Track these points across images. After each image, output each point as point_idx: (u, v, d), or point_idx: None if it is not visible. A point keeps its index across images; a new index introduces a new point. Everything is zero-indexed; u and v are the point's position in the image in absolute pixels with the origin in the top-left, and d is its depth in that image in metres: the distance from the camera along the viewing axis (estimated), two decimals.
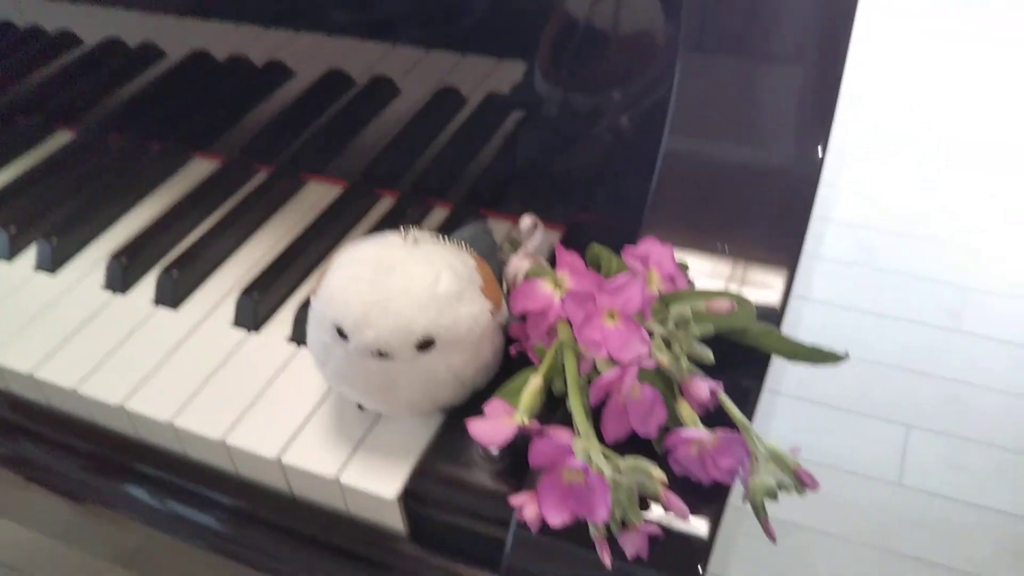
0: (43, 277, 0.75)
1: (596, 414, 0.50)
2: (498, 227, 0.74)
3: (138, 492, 0.65)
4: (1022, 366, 1.66)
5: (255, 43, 0.85)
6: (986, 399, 1.60)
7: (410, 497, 0.56)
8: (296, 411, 0.61)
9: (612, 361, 0.48)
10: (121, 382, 0.64)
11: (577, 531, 0.48)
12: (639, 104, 0.70)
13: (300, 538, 0.61)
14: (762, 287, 0.56)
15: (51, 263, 0.74)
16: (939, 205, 2.04)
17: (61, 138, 0.93)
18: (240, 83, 0.87)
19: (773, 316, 0.55)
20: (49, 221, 0.78)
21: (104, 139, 0.90)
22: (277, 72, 0.85)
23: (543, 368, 0.51)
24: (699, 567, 0.47)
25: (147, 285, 0.72)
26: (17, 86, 0.96)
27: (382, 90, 0.82)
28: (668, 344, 0.49)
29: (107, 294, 0.72)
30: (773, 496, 0.46)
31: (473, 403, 0.57)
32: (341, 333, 0.53)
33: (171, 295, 0.70)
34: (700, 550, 0.47)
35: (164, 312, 0.70)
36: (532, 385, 0.50)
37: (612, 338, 0.48)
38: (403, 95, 0.82)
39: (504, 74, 0.77)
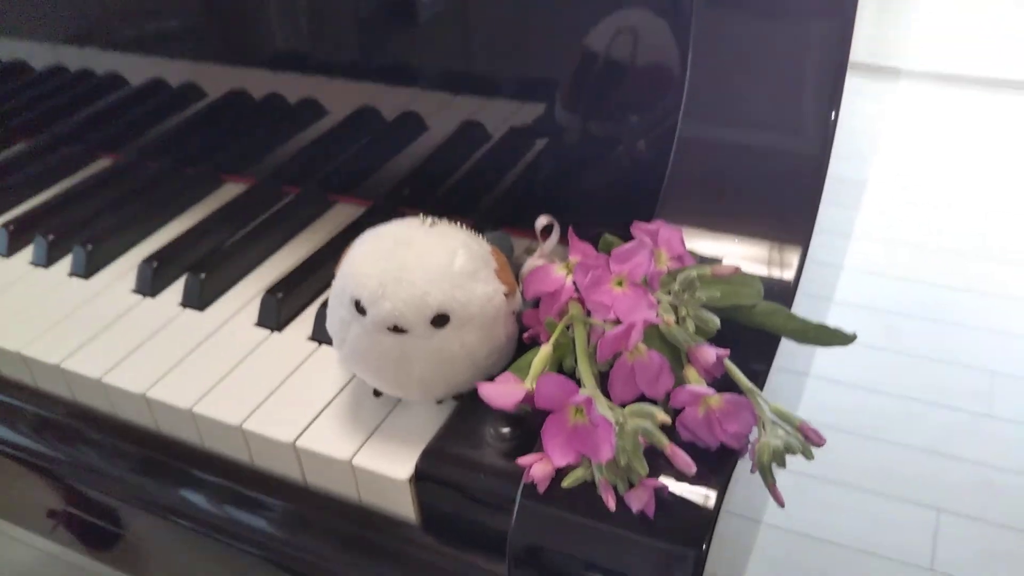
0: (77, 282, 0.77)
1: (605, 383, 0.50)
2: (517, 243, 0.75)
3: (155, 486, 0.66)
4: None
5: (290, 85, 0.89)
6: (1018, 483, 1.56)
7: (421, 479, 0.57)
8: (313, 401, 0.62)
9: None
10: (144, 374, 0.66)
11: (583, 500, 0.49)
12: (654, 129, 0.73)
13: (312, 528, 0.62)
14: (774, 266, 0.57)
15: (85, 269, 0.77)
16: (965, 287, 2.03)
17: (102, 164, 0.97)
18: (274, 118, 0.91)
19: (786, 296, 0.56)
20: (85, 232, 0.81)
21: (142, 164, 0.94)
22: (310, 109, 0.89)
23: (553, 337, 0.52)
24: (703, 536, 0.46)
25: (175, 290, 0.75)
26: (66, 120, 1.01)
27: (410, 123, 0.85)
28: (675, 311, 0.49)
29: (137, 297, 0.75)
30: (780, 458, 0.46)
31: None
32: (359, 307, 0.55)
33: (198, 297, 0.72)
34: (705, 518, 0.47)
35: (190, 313, 0.72)
36: (542, 352, 0.51)
37: (620, 302, 0.49)
38: (430, 130, 0.86)
39: (526, 111, 0.80)
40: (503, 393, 0.49)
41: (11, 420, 0.71)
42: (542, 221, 0.64)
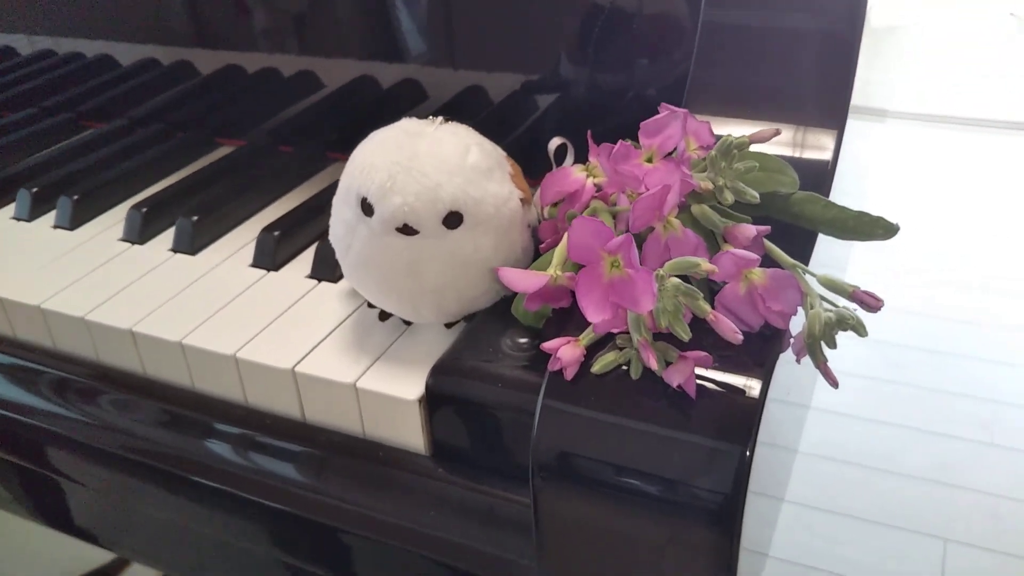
0: (62, 233, 0.73)
1: None
2: None
3: (148, 430, 0.61)
4: None
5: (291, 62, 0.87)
6: (1023, 510, 1.54)
7: (433, 397, 0.52)
8: (314, 331, 0.58)
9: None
10: (129, 312, 0.62)
11: (612, 395, 0.44)
12: (665, 76, 0.70)
13: (313, 467, 0.57)
14: (811, 150, 0.54)
15: (70, 220, 0.73)
16: (964, 319, 2.02)
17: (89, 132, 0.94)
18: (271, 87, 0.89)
19: (822, 181, 0.53)
20: (72, 187, 0.77)
21: (132, 129, 0.90)
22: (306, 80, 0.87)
23: None
24: (750, 426, 0.42)
25: (166, 238, 0.71)
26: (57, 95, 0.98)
27: (410, 89, 0.83)
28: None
29: (124, 245, 0.71)
30: (832, 331, 0.42)
31: (497, 314, 0.54)
32: (365, 206, 0.51)
33: (189, 241, 0.68)
34: (750, 406, 0.43)
35: (181, 257, 0.68)
36: (566, 238, 0.47)
37: (651, 175, 0.45)
38: (431, 98, 0.83)
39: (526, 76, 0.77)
40: (525, 278, 0.45)
41: None
42: (555, 142, 0.61)
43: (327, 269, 0.64)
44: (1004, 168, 2.75)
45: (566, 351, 0.43)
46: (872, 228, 0.49)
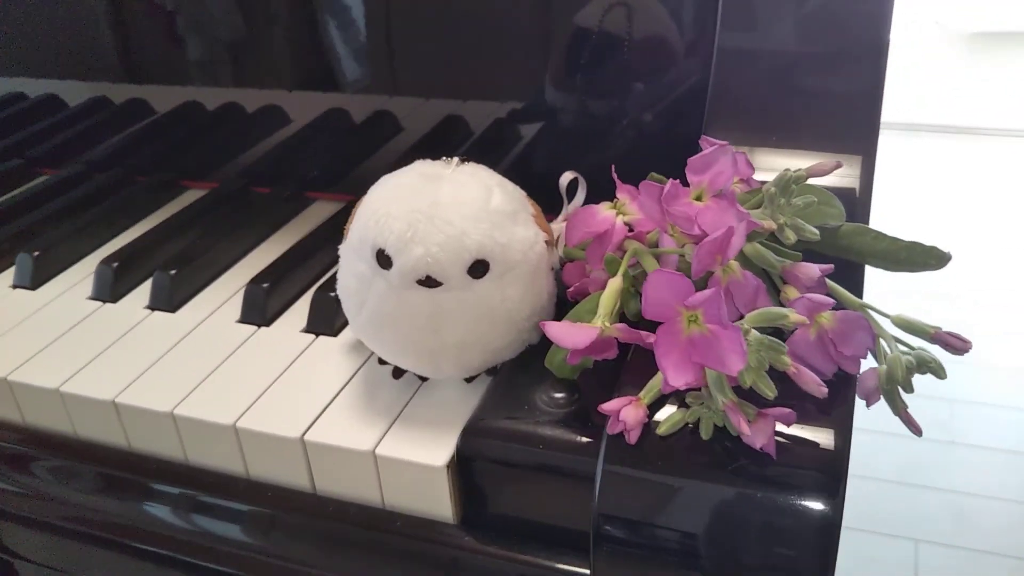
0: (22, 294, 0.67)
1: None
2: None
3: (134, 507, 0.55)
4: (1017, 473, 1.64)
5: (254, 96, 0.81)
6: (989, 507, 1.56)
7: (465, 462, 0.48)
8: (319, 393, 0.53)
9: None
10: (109, 380, 0.56)
11: (681, 460, 0.41)
12: (658, 101, 0.67)
13: (328, 543, 0.52)
14: (844, 177, 0.51)
15: (31, 279, 0.67)
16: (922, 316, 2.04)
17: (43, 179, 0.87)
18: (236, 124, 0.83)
19: (860, 210, 0.50)
20: (30, 242, 0.71)
21: (90, 175, 0.84)
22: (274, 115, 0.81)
23: (621, 268, 0.45)
24: (837, 482, 0.39)
25: (141, 294, 0.65)
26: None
27: (384, 122, 0.78)
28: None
29: (95, 304, 0.65)
30: (910, 374, 0.39)
31: (524, 366, 0.50)
32: (382, 258, 0.46)
33: (168, 297, 0.62)
34: (836, 460, 0.39)
35: (160, 316, 0.62)
36: (612, 286, 0.44)
37: (704, 215, 0.42)
38: (407, 130, 0.78)
39: (504, 105, 0.73)
40: (573, 332, 0.41)
41: None
42: (567, 177, 0.57)
43: (324, 321, 0.59)
44: (933, 170, 2.80)
45: (629, 412, 0.39)
46: (925, 258, 0.46)
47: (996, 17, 2.72)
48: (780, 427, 0.39)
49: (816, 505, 0.38)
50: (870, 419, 1.69)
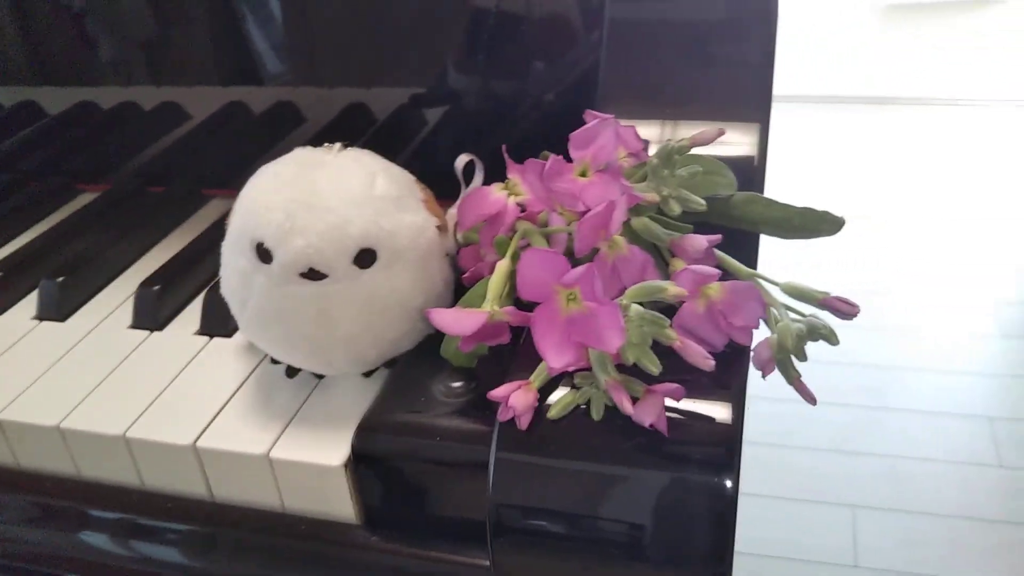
0: None
1: None
2: None
3: (19, 530, 0.53)
4: (947, 435, 1.67)
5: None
6: (922, 469, 1.59)
7: (361, 460, 0.46)
8: (212, 397, 0.51)
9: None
10: None
11: (572, 438, 0.40)
12: (560, 79, 0.66)
13: (227, 551, 0.50)
14: (737, 146, 0.50)
15: None
16: (849, 289, 2.06)
17: None
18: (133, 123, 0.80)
19: (754, 179, 0.49)
20: None
21: None
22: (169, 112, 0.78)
23: (509, 251, 0.43)
24: (732, 456, 0.38)
25: (27, 304, 0.62)
26: None
27: (286, 113, 0.76)
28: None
29: None
30: (801, 342, 0.39)
31: (422, 356, 0.48)
32: (262, 252, 0.44)
33: (55, 305, 0.60)
34: (729, 434, 0.39)
35: (48, 325, 0.60)
36: (501, 268, 0.42)
37: (588, 189, 0.41)
38: (309, 120, 0.76)
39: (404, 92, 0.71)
40: (461, 317, 0.40)
41: None
42: (463, 160, 0.56)
43: (218, 322, 0.57)
44: (851, 141, 2.84)
45: (518, 398, 0.38)
46: (819, 224, 0.45)
47: None
48: (672, 403, 0.38)
49: (711, 479, 0.37)
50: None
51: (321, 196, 0.43)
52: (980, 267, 2.12)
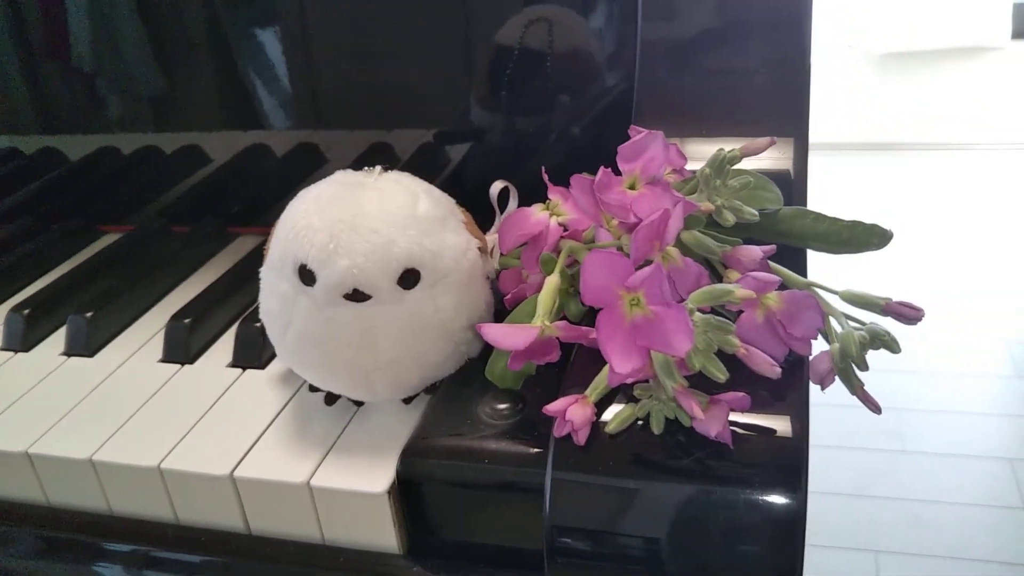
0: None
1: None
2: None
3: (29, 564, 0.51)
4: (968, 477, 1.65)
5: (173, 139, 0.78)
6: (944, 513, 1.57)
7: (406, 487, 0.45)
8: (248, 428, 0.50)
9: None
10: (23, 432, 0.52)
11: (635, 459, 0.38)
12: (585, 113, 0.66)
13: None
14: (777, 161, 0.49)
15: None
16: None
17: None
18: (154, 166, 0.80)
19: (796, 193, 0.48)
20: None
21: None
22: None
23: (557, 267, 0.43)
24: (799, 474, 0.37)
25: (55, 341, 0.61)
26: None
27: (308, 154, 0.76)
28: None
29: (5, 354, 0.61)
30: (864, 350, 0.38)
31: (465, 380, 0.47)
32: (305, 274, 0.44)
33: (84, 341, 0.59)
34: (795, 447, 0.37)
35: (77, 361, 0.59)
36: (550, 284, 0.41)
37: (639, 202, 0.40)
38: (332, 161, 0.76)
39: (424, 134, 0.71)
40: (512, 332, 0.39)
41: None
42: (497, 187, 0.55)
43: (251, 354, 0.56)
44: (852, 187, 2.85)
45: (576, 411, 0.37)
46: (868, 238, 0.45)
47: (905, 38, 2.80)
48: (735, 416, 0.37)
49: (779, 499, 0.36)
50: (820, 435, 1.70)
51: (365, 217, 0.43)
52: (993, 307, 2.11)
